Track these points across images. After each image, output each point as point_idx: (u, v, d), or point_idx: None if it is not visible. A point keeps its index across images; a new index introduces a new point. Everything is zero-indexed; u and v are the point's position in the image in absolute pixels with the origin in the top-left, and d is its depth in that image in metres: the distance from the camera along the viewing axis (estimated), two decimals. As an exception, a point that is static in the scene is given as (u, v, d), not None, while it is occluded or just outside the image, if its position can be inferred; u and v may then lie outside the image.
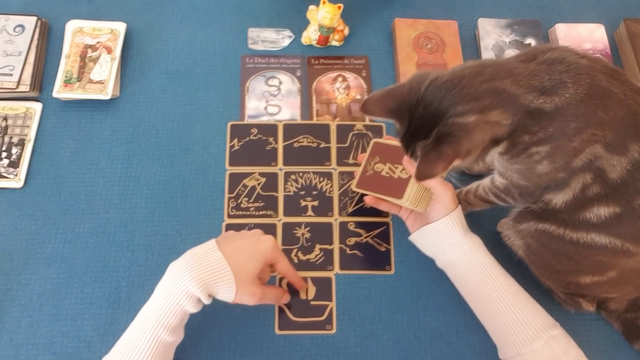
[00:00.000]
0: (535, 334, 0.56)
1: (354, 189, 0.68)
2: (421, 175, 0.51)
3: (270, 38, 0.86)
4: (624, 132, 0.49)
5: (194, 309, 0.55)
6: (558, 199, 0.55)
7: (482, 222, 0.72)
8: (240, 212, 0.73)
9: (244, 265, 0.56)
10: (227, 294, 0.56)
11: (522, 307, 0.58)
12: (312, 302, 0.68)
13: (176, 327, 0.55)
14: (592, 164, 0.51)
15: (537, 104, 0.49)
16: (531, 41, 0.85)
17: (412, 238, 0.67)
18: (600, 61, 0.52)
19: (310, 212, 0.73)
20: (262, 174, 0.76)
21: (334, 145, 0.78)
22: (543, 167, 0.53)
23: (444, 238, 0.62)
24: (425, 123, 0.51)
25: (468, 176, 0.74)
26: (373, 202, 0.66)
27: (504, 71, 0.50)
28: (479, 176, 0.70)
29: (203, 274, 0.54)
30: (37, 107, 0.78)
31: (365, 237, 0.72)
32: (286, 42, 0.86)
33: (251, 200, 0.74)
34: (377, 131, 0.79)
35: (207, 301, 0.55)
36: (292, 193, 0.75)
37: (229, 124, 0.79)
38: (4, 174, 0.73)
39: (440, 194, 0.62)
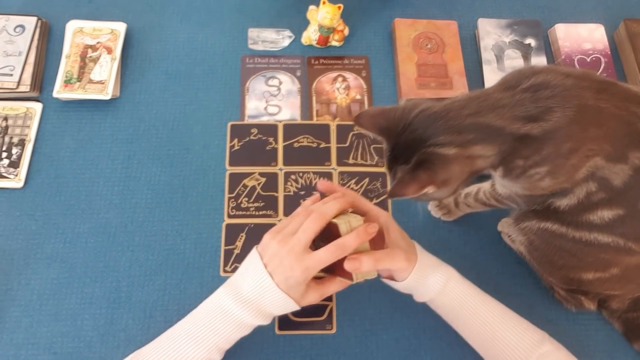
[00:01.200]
0: (525, 354, 0.55)
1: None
2: (393, 194, 0.51)
3: (270, 38, 0.86)
4: (620, 142, 0.50)
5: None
6: (562, 202, 0.56)
7: (482, 222, 0.72)
8: (241, 212, 0.73)
9: (291, 277, 0.52)
10: (289, 307, 0.54)
11: (507, 330, 0.56)
12: (312, 302, 0.68)
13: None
14: (595, 174, 0.51)
15: (524, 130, 0.50)
16: (531, 41, 0.85)
17: (404, 286, 0.59)
18: (587, 77, 0.52)
19: (310, 212, 0.73)
20: (262, 174, 0.76)
21: (334, 145, 0.78)
22: (546, 183, 0.54)
23: (416, 289, 0.59)
24: (408, 148, 0.52)
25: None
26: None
27: (488, 104, 0.51)
28: (481, 178, 0.70)
29: (259, 306, 0.53)
30: (37, 107, 0.78)
31: (365, 237, 0.72)
32: (286, 42, 0.86)
33: (251, 200, 0.74)
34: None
35: (267, 320, 0.55)
36: (292, 193, 0.75)
37: (229, 124, 0.79)
38: (4, 174, 0.73)
39: (391, 236, 0.58)
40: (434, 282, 0.58)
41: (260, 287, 0.53)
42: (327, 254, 0.51)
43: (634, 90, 0.52)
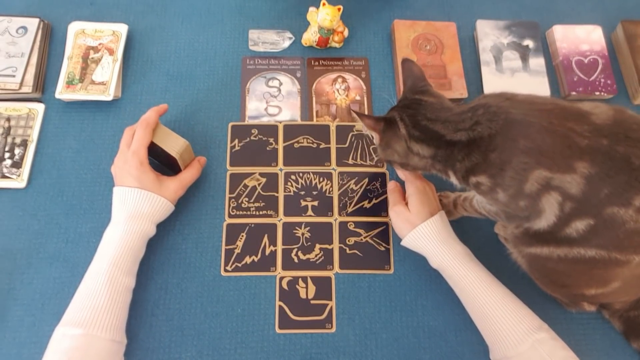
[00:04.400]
0: (521, 338, 0.57)
1: None
2: (358, 112, 0.64)
3: (270, 39, 0.87)
4: (560, 155, 0.50)
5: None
6: (541, 224, 0.56)
7: (481, 222, 0.72)
8: (241, 212, 0.74)
9: (142, 182, 0.66)
10: (158, 202, 0.66)
11: (508, 311, 0.59)
12: (312, 301, 0.69)
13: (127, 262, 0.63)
14: (550, 184, 0.51)
15: (453, 136, 0.56)
16: (529, 43, 0.86)
17: (403, 244, 0.68)
18: (528, 99, 0.56)
19: (310, 212, 0.74)
20: (262, 174, 0.76)
21: (333, 145, 0.79)
22: (502, 197, 0.56)
23: (426, 244, 0.65)
24: (399, 108, 0.62)
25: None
26: None
27: (442, 118, 0.58)
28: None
29: (135, 211, 0.65)
30: (39, 108, 0.78)
31: (365, 237, 0.73)
32: (286, 44, 0.86)
33: (252, 200, 0.74)
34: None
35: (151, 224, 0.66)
36: (292, 193, 0.75)
37: (230, 124, 0.80)
38: (7, 174, 0.74)
39: (410, 202, 0.67)
40: (440, 253, 0.64)
41: (125, 200, 0.65)
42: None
43: (578, 108, 0.53)
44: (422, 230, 0.64)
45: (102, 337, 0.57)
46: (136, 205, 0.65)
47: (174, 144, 0.67)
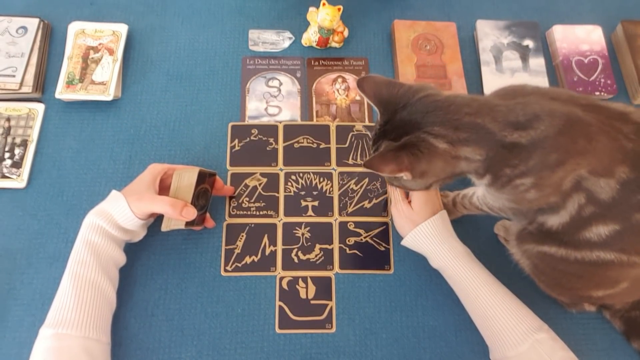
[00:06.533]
0: (521, 338, 0.57)
1: None
2: (369, 165, 0.52)
3: (270, 39, 0.87)
4: (608, 157, 0.50)
5: (101, 238, 0.61)
6: (554, 221, 0.56)
7: (480, 222, 0.72)
8: (242, 212, 0.74)
9: (133, 188, 0.64)
10: (122, 206, 0.62)
11: (508, 312, 0.59)
12: (312, 301, 0.69)
13: (90, 258, 0.61)
14: (581, 185, 0.51)
15: (511, 138, 0.50)
16: (529, 43, 0.86)
17: (403, 243, 0.68)
18: (572, 98, 0.53)
19: (310, 212, 0.74)
20: (263, 174, 0.76)
21: (333, 145, 0.79)
22: (532, 195, 0.54)
23: (427, 244, 0.64)
24: (401, 127, 0.53)
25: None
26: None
27: (487, 107, 0.51)
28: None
29: (99, 207, 0.63)
30: (39, 108, 0.78)
31: (365, 237, 0.73)
32: (286, 44, 0.86)
33: (252, 200, 0.74)
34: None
35: (114, 229, 0.62)
36: (292, 193, 0.75)
37: (230, 124, 0.80)
38: (7, 174, 0.74)
39: (413, 202, 0.66)
40: (440, 252, 0.64)
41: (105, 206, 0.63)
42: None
43: (615, 108, 0.53)
44: (423, 229, 0.64)
45: (73, 334, 0.56)
46: (104, 202, 0.64)
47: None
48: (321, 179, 0.76)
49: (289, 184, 0.76)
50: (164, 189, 0.66)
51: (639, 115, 0.51)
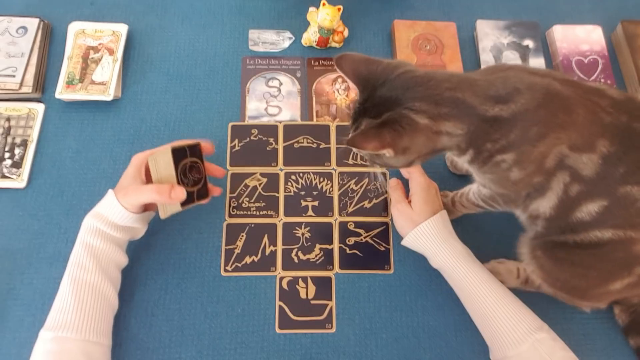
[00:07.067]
0: (521, 337, 0.57)
1: None
2: (351, 142, 0.51)
3: (270, 39, 0.87)
4: (588, 131, 0.50)
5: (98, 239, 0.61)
6: (544, 206, 0.56)
7: (480, 222, 0.72)
8: (242, 212, 0.74)
9: (121, 183, 0.63)
10: (113, 203, 0.61)
11: (508, 311, 0.59)
12: (312, 301, 0.69)
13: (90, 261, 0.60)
14: (563, 162, 0.51)
15: (493, 112, 0.50)
16: (529, 43, 0.86)
17: (403, 243, 0.68)
18: (550, 72, 0.54)
19: (310, 212, 0.74)
20: (263, 174, 0.76)
21: (333, 145, 0.79)
22: (515, 174, 0.54)
23: (427, 243, 0.65)
24: (381, 104, 0.52)
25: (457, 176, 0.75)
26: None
27: (467, 82, 0.52)
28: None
29: (95, 209, 0.63)
30: (39, 108, 0.78)
31: (365, 237, 0.73)
32: (286, 44, 0.86)
33: (252, 200, 0.74)
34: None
35: (108, 227, 0.61)
36: (292, 193, 0.75)
37: (230, 124, 0.80)
38: (7, 174, 0.74)
39: (414, 200, 0.66)
40: (440, 252, 0.64)
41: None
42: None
43: (590, 85, 0.53)
44: (424, 229, 0.64)
45: (73, 338, 0.56)
46: (99, 203, 0.63)
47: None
48: (321, 179, 0.76)
49: (289, 184, 0.76)
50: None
51: (614, 91, 0.52)
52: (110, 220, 0.61)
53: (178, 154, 0.61)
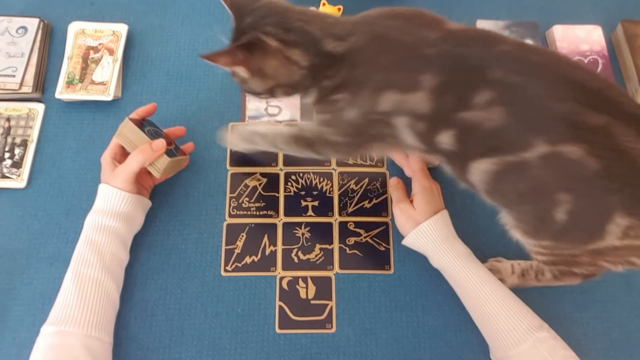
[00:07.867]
0: (522, 336, 0.57)
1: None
2: (206, 56, 0.53)
3: (270, 40, 0.86)
4: (408, 68, 0.51)
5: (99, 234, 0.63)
6: (411, 149, 0.57)
7: (479, 222, 0.72)
8: (242, 212, 0.74)
9: (103, 178, 0.66)
10: (107, 191, 0.64)
11: (508, 311, 0.59)
12: (312, 301, 0.69)
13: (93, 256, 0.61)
14: (401, 108, 0.52)
15: (330, 47, 0.53)
16: (529, 42, 0.86)
17: (404, 242, 0.68)
18: (394, 13, 0.55)
19: (310, 212, 0.74)
20: (263, 175, 0.76)
21: (333, 145, 0.79)
22: (349, 115, 0.55)
23: (428, 243, 0.65)
24: (244, 30, 0.55)
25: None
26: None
27: (319, 18, 0.55)
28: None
29: (94, 206, 0.65)
30: (39, 108, 0.78)
31: (365, 237, 0.73)
32: (286, 44, 0.86)
33: (252, 200, 0.74)
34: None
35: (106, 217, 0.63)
36: (292, 193, 0.75)
37: (230, 124, 0.80)
38: (7, 174, 0.74)
39: (416, 201, 0.66)
40: (441, 252, 0.64)
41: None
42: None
43: (434, 15, 0.54)
44: (425, 228, 0.64)
45: (75, 332, 0.56)
46: (95, 200, 0.65)
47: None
48: (321, 179, 0.76)
49: (289, 184, 0.76)
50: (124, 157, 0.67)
51: (453, 25, 0.52)
52: (110, 210, 0.63)
53: (136, 123, 0.66)
